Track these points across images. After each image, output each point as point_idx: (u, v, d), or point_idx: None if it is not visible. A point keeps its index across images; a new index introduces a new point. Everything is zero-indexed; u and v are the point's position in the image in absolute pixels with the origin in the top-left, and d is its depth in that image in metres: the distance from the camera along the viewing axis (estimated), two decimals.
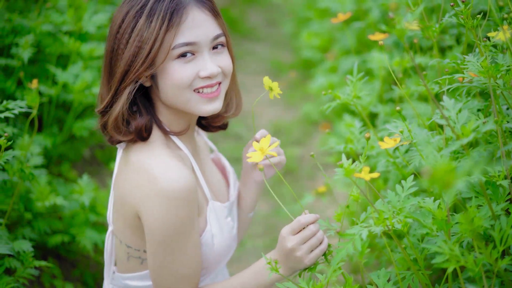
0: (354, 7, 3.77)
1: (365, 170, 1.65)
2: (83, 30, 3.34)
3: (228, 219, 2.22)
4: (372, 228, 1.64)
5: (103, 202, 3.11)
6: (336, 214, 1.90)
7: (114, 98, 2.01)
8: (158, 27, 1.93)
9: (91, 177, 3.65)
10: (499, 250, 1.56)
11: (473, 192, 1.72)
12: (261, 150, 1.84)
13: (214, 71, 1.98)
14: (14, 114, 2.32)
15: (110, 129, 2.04)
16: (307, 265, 1.90)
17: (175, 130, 2.11)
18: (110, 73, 2.03)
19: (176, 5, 1.95)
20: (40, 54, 3.35)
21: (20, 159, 2.66)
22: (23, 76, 2.90)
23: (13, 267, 2.39)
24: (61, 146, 3.42)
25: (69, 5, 3.46)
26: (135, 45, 1.95)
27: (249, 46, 6.41)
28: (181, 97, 2.00)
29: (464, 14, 1.88)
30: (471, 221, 1.55)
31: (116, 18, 2.01)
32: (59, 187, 3.11)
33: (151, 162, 1.99)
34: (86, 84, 3.19)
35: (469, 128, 1.50)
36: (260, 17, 7.11)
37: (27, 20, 3.23)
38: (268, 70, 5.84)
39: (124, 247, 2.14)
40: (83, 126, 3.34)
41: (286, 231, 1.92)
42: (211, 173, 2.31)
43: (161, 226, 1.96)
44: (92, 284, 3.05)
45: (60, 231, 2.98)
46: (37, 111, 3.26)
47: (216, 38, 2.01)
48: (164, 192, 1.93)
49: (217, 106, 2.04)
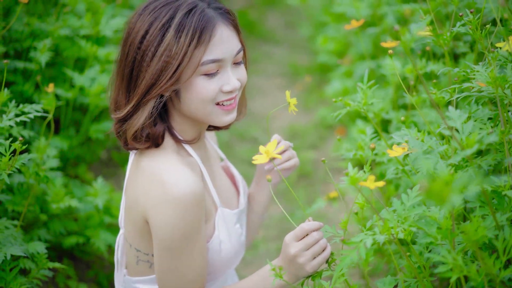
0: (370, 12, 3.77)
1: (370, 178, 1.66)
2: (101, 34, 3.38)
3: (236, 226, 2.24)
4: (377, 236, 1.66)
5: (117, 204, 3.15)
6: (342, 221, 1.92)
7: (136, 109, 2.02)
8: (188, 43, 1.94)
9: (107, 179, 3.70)
10: (502, 260, 1.57)
11: (478, 201, 1.73)
12: (266, 152, 1.88)
13: (236, 86, 2.02)
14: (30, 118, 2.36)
15: (129, 139, 2.06)
16: (309, 272, 1.92)
17: (187, 137, 2.14)
18: (130, 82, 2.03)
19: (206, 22, 1.96)
20: (58, 57, 3.40)
21: (36, 161, 2.70)
22: (40, 80, 2.95)
23: (28, 268, 2.43)
24: (78, 148, 3.47)
25: (87, 9, 3.51)
26: (163, 59, 1.95)
27: (267, 49, 6.43)
28: (203, 110, 2.03)
29: (472, 24, 1.89)
30: (475, 231, 1.57)
31: (137, 28, 2.00)
32: (75, 189, 3.16)
33: (160, 167, 2.02)
34: (102, 88, 3.23)
35: (473, 139, 1.51)
36: (278, 20, 7.12)
37: (45, 24, 3.27)
38: (285, 73, 5.86)
39: (133, 251, 2.17)
40: (99, 129, 3.38)
41: (289, 237, 1.94)
42: (221, 180, 2.33)
43: (168, 231, 1.98)
44: (106, 285, 3.09)
45: (75, 233, 3.03)
46: (55, 114, 3.32)
47: (238, 53, 2.04)
48: (172, 197, 1.96)
49: (233, 117, 2.08)
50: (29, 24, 3.22)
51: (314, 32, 5.40)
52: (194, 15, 1.96)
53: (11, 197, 2.63)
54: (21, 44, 3.21)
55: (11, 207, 2.61)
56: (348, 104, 2.23)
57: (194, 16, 1.96)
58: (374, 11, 3.76)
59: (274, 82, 5.72)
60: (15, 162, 2.18)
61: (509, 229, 1.59)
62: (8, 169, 2.16)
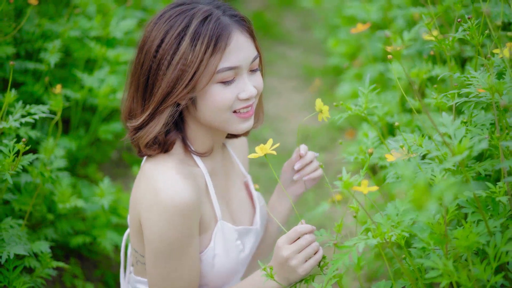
0: (380, 16, 3.77)
1: (363, 183, 1.67)
2: (110, 36, 3.41)
3: (237, 242, 2.20)
4: (369, 240, 1.67)
5: (125, 204, 3.18)
6: (336, 225, 1.93)
7: (152, 117, 2.02)
8: (203, 51, 1.94)
9: (116, 179, 3.74)
10: (493, 266, 1.57)
11: (472, 207, 1.73)
12: (262, 149, 1.90)
13: (253, 93, 2.02)
14: (35, 119, 2.38)
15: (143, 147, 2.06)
16: (301, 275, 1.92)
17: (200, 147, 2.13)
18: (146, 91, 2.03)
19: (221, 29, 1.96)
20: (69, 58, 3.44)
21: (44, 161, 2.74)
22: (47, 81, 2.98)
23: (33, 266, 2.47)
24: (88, 148, 3.50)
25: (98, 10, 3.55)
26: (179, 68, 1.95)
27: (282, 50, 6.44)
28: (220, 117, 2.02)
29: (471, 30, 1.89)
30: (466, 237, 1.57)
31: (152, 36, 2.01)
32: (83, 189, 3.19)
33: (158, 173, 2.02)
34: (111, 89, 3.26)
35: (464, 146, 1.51)
36: (294, 21, 7.13)
37: (56, 25, 3.31)
38: (299, 75, 5.87)
39: (133, 251, 2.20)
40: (108, 130, 3.41)
41: (282, 240, 1.94)
42: (236, 195, 2.31)
43: (157, 238, 1.99)
44: (113, 284, 3.12)
45: (83, 232, 3.06)
46: (65, 114, 3.36)
47: (254, 60, 2.03)
48: (163, 204, 1.96)
49: (250, 124, 2.08)
50: (40, 25, 3.25)
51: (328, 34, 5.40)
52: (209, 23, 1.96)
53: (17, 197, 2.66)
54: (32, 45, 3.25)
55: (18, 207, 2.64)
56: (350, 108, 2.24)
57: (210, 23, 1.96)
58: (385, 14, 3.76)
59: (288, 83, 5.73)
60: (18, 162, 2.21)
61: (500, 236, 1.59)
62: (12, 169, 2.19)
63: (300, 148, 2.22)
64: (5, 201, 2.65)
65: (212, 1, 2.06)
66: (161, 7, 4.13)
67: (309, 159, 2.24)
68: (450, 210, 1.70)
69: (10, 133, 2.55)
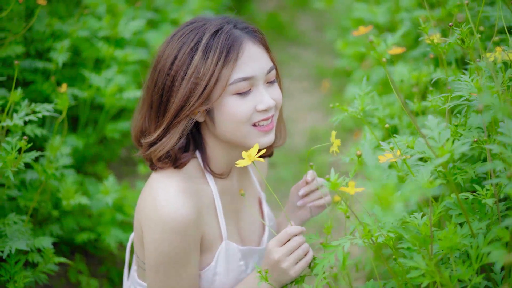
0: (388, 18, 3.79)
1: (351, 184, 1.70)
2: (119, 36, 3.46)
3: (240, 263, 2.19)
4: (355, 240, 1.70)
5: (130, 203, 3.23)
6: (326, 226, 1.96)
7: (166, 132, 2.03)
8: (215, 63, 1.95)
9: (124, 177, 3.79)
10: (474, 267, 1.60)
11: (459, 209, 1.76)
12: (249, 156, 1.91)
13: (270, 104, 2.01)
14: (44, 117, 2.44)
15: (156, 161, 2.06)
16: (292, 277, 1.94)
17: (216, 167, 2.13)
18: (160, 107, 2.04)
19: (232, 41, 1.98)
20: (78, 58, 3.49)
21: (50, 158, 2.79)
22: (54, 80, 3.03)
23: (36, 262, 2.52)
24: (96, 146, 3.55)
25: (108, 11, 3.60)
26: (192, 81, 1.96)
27: (295, 51, 6.46)
28: (240, 131, 2.01)
29: (462, 35, 1.92)
30: (449, 238, 1.60)
31: (166, 54, 2.03)
32: (90, 186, 3.24)
33: (161, 187, 2.03)
34: (118, 88, 3.30)
35: (446, 149, 1.54)
36: (309, 22, 7.15)
37: (66, 25, 3.37)
38: (311, 76, 5.89)
39: (136, 256, 2.23)
40: (115, 128, 3.46)
41: (272, 243, 1.97)
42: (247, 214, 2.29)
43: (154, 252, 2.00)
44: (117, 281, 3.17)
45: (88, 229, 3.11)
46: (74, 113, 3.42)
47: (270, 71, 2.04)
48: (161, 220, 1.97)
49: (271, 138, 2.06)
50: (50, 25, 3.31)
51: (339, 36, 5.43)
52: (220, 36, 1.98)
53: (23, 193, 2.72)
54: (42, 44, 3.30)
55: (23, 203, 2.70)
56: (346, 110, 2.27)
57: (221, 36, 1.98)
58: (392, 16, 3.78)
59: (300, 84, 5.76)
60: (20, 159, 2.26)
61: (482, 237, 1.61)
62: (14, 167, 2.24)
63: (307, 174, 2.22)
64: (10, 197, 2.71)
65: (224, 17, 2.07)
66: (172, 8, 4.21)
67: (315, 186, 2.23)
68: (436, 211, 1.72)
69: (16, 131, 2.61)
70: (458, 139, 1.94)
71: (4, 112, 2.35)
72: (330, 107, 2.30)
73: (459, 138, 1.93)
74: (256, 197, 2.37)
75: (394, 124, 2.87)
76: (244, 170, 2.31)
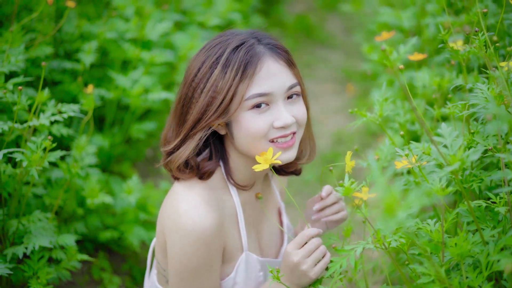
0: (413, 23, 3.80)
1: (364, 190, 1.73)
2: (146, 38, 3.51)
3: (259, 274, 2.21)
4: (368, 245, 1.72)
5: (154, 202, 3.28)
6: (346, 229, 1.98)
7: (183, 142, 2.07)
8: (232, 78, 1.97)
9: (149, 177, 3.84)
10: (484, 275, 1.61)
11: (471, 216, 1.77)
12: (266, 160, 1.94)
13: (288, 122, 2.00)
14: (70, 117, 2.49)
15: (175, 170, 2.10)
16: (312, 279, 1.96)
17: (239, 179, 2.14)
18: (180, 117, 2.08)
19: (250, 56, 1.99)
20: (105, 59, 3.55)
21: (75, 158, 2.85)
22: (82, 81, 3.09)
23: (59, 258, 2.58)
24: (122, 146, 3.61)
25: (136, 12, 3.65)
26: (210, 95, 1.99)
27: (323, 53, 6.47)
28: (255, 147, 2.02)
29: (479, 44, 1.93)
30: (460, 246, 1.62)
31: (192, 67, 2.07)
32: (114, 185, 3.29)
33: (183, 197, 2.05)
34: (143, 89, 3.36)
35: (458, 157, 1.56)
36: (337, 25, 7.15)
37: (95, 27, 3.43)
38: (338, 78, 5.90)
39: (156, 262, 2.27)
40: (140, 129, 3.51)
41: (291, 246, 1.99)
42: (267, 225, 2.31)
43: (177, 262, 2.03)
44: (140, 279, 3.22)
45: (111, 227, 3.16)
46: (101, 113, 3.48)
47: (291, 88, 2.03)
48: (183, 230, 2.00)
49: (290, 156, 2.05)
50: (79, 26, 3.37)
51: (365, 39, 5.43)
52: (240, 51, 1.99)
53: (48, 191, 2.78)
54: (70, 45, 3.37)
55: (48, 201, 2.76)
56: (364, 115, 2.29)
57: (240, 51, 1.99)
58: (418, 21, 3.79)
59: (327, 87, 5.77)
60: (45, 158, 2.32)
61: (493, 245, 1.63)
62: (38, 165, 2.30)
63: (323, 190, 2.22)
64: (36, 195, 2.78)
65: (252, 32, 2.09)
66: (200, 10, 4.25)
67: (330, 201, 2.22)
68: (448, 218, 1.74)
69: (42, 130, 2.67)
70: (475, 146, 1.95)
71: (31, 112, 2.41)
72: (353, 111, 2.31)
73: (475, 146, 1.95)
74: (276, 207, 2.39)
75: (415, 130, 2.88)
76: (265, 180, 2.32)
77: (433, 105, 2.93)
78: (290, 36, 6.63)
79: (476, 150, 1.67)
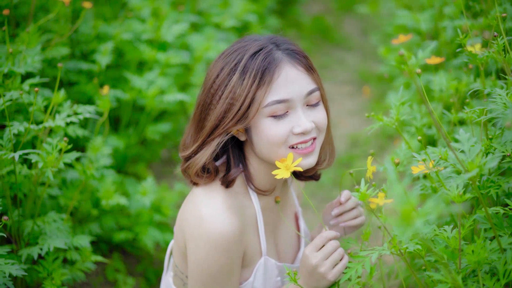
0: (431, 26, 3.77)
1: (380, 196, 1.71)
2: (162, 39, 3.51)
3: (277, 279, 2.21)
4: (383, 251, 1.71)
5: (169, 204, 3.27)
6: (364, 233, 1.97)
7: (200, 148, 2.06)
8: (250, 84, 1.95)
9: (164, 178, 3.84)
10: (502, 283, 1.60)
11: (489, 223, 1.75)
12: (286, 167, 1.93)
13: (307, 128, 1.98)
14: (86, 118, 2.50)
15: (192, 176, 2.09)
16: (330, 281, 1.95)
17: (260, 184, 2.13)
18: (199, 123, 2.07)
19: (268, 63, 1.97)
20: (122, 60, 3.56)
21: (90, 159, 2.86)
22: (98, 82, 3.09)
23: (74, 259, 2.58)
24: (137, 147, 3.61)
25: (152, 14, 3.65)
26: (228, 101, 1.98)
27: (339, 55, 6.45)
28: (276, 153, 2.00)
29: (498, 48, 1.91)
30: (477, 253, 1.60)
31: (211, 73, 2.06)
32: (129, 187, 3.30)
33: (204, 202, 2.04)
34: (159, 91, 3.36)
35: (475, 163, 1.54)
36: (354, 26, 7.12)
37: (111, 28, 3.44)
38: (355, 80, 5.87)
39: (174, 265, 2.26)
40: (155, 130, 3.51)
41: (309, 249, 1.98)
42: (284, 230, 2.30)
43: (198, 267, 2.02)
44: (154, 280, 3.22)
45: (126, 228, 3.17)
46: (116, 114, 3.48)
47: (310, 94, 2.01)
48: (206, 236, 1.98)
49: (311, 161, 2.03)
50: (95, 27, 3.38)
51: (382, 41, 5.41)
52: (258, 57, 1.98)
53: (63, 192, 2.78)
54: (87, 46, 3.38)
55: (64, 201, 2.76)
56: (381, 119, 2.27)
57: (258, 58, 1.98)
58: (436, 24, 3.76)
59: (343, 89, 5.75)
60: (60, 159, 2.33)
61: (511, 253, 1.61)
62: (53, 166, 2.30)
63: (342, 195, 2.20)
64: (51, 196, 2.78)
65: (270, 38, 2.07)
66: (216, 12, 4.24)
67: (349, 207, 2.20)
68: (466, 225, 1.72)
69: (58, 131, 2.68)
70: (493, 152, 1.93)
71: (47, 113, 2.42)
72: (369, 113, 2.29)
73: (493, 151, 1.93)
74: (293, 212, 2.37)
75: (432, 134, 2.86)
76: (284, 185, 2.30)
77: (450, 109, 2.91)
78: (306, 37, 6.61)
79: (494, 157, 1.65)
